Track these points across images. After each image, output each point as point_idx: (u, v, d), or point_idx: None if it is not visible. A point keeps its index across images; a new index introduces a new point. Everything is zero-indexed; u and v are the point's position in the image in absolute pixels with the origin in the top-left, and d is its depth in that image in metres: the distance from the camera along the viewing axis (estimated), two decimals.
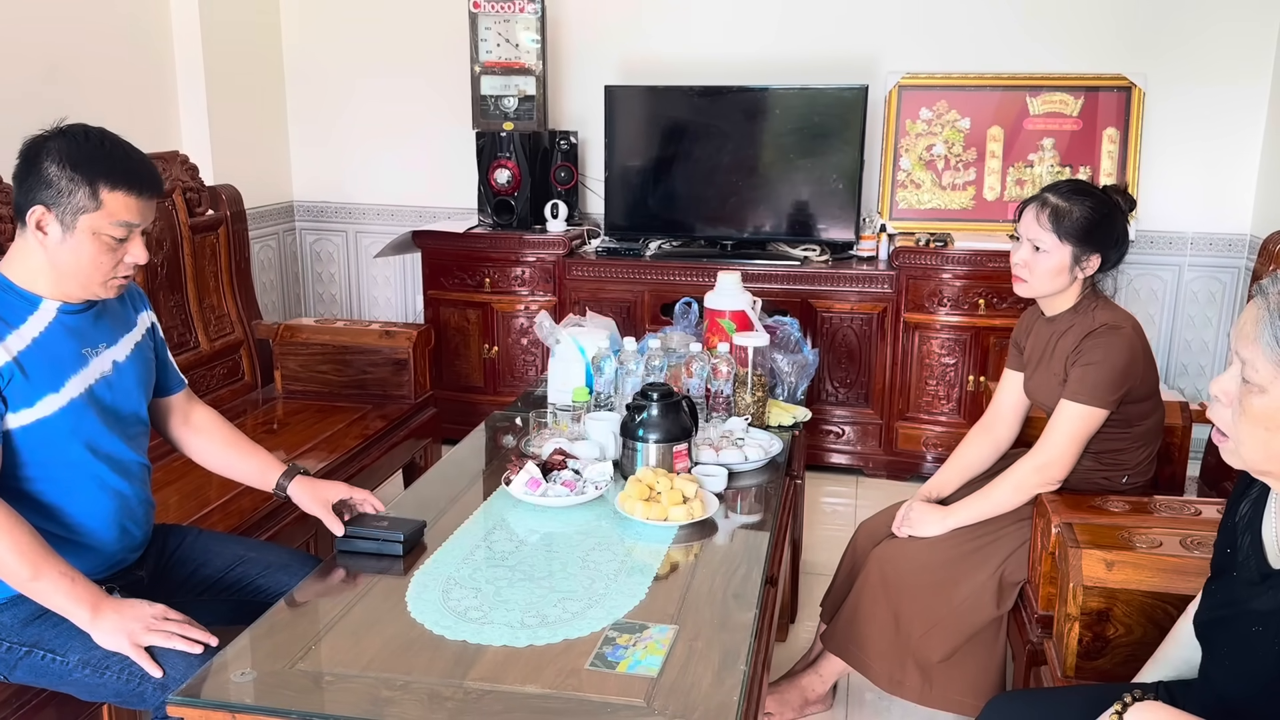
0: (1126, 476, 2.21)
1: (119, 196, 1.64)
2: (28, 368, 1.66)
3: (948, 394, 3.73)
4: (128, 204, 1.65)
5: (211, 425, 2.03)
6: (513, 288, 3.97)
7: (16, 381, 1.65)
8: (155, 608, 1.66)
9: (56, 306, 1.71)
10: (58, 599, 1.62)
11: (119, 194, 1.64)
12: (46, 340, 1.69)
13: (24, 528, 1.62)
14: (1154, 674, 1.54)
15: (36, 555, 1.61)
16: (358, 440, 2.89)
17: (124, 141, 1.71)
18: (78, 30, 3.41)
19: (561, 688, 1.39)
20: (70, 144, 1.64)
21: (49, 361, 1.69)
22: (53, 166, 1.62)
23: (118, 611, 1.63)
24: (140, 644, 1.60)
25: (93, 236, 1.64)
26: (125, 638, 1.60)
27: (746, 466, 2.17)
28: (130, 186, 1.65)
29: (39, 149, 1.64)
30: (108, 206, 1.63)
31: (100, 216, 1.64)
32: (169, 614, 1.65)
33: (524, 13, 3.84)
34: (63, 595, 1.62)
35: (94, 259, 1.66)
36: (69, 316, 1.73)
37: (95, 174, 1.62)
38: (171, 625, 1.63)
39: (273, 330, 3.29)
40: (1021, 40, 3.87)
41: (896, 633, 2.21)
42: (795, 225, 3.92)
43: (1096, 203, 2.14)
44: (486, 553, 1.79)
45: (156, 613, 1.64)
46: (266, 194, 4.35)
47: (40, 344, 1.68)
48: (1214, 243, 3.90)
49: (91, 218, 1.63)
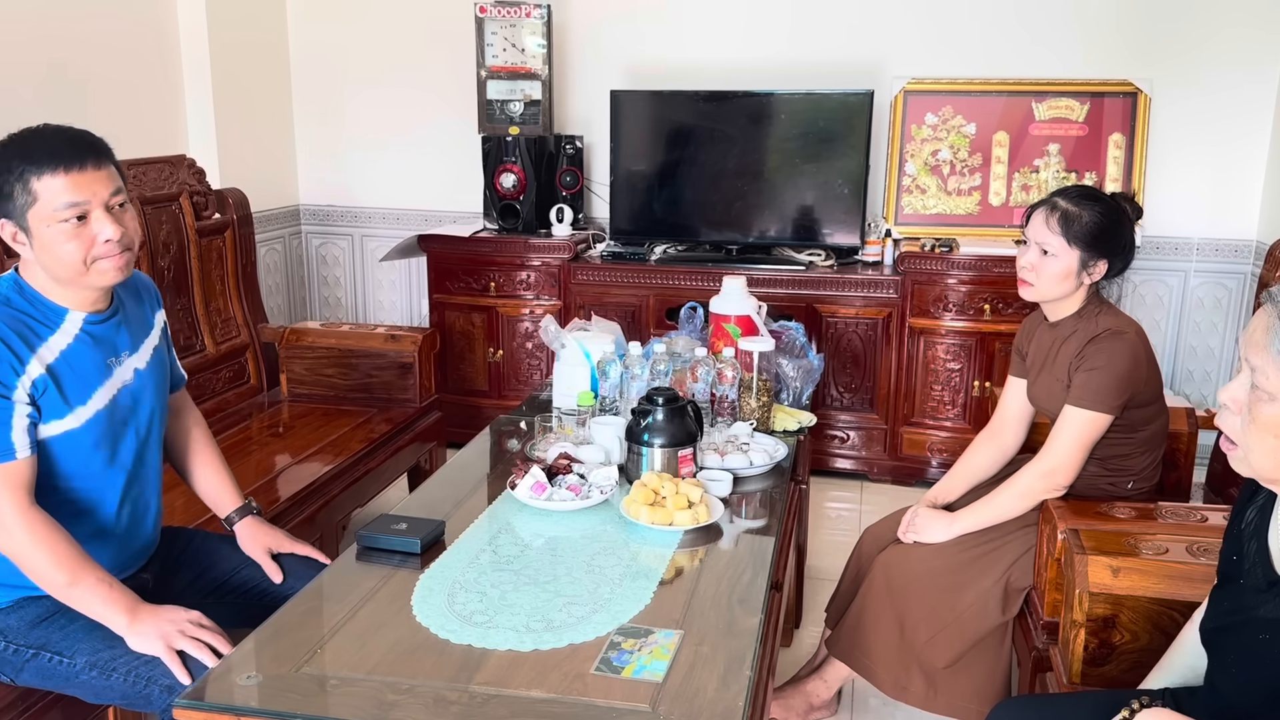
0: (1132, 482, 2.20)
1: (47, 180, 1.60)
2: (59, 379, 1.67)
3: (953, 399, 3.73)
4: (62, 184, 1.60)
5: (187, 432, 2.03)
6: (518, 292, 3.97)
7: (50, 393, 1.66)
8: (190, 613, 1.67)
9: (82, 318, 1.71)
10: (95, 605, 1.63)
11: (46, 178, 1.60)
12: (73, 353, 1.70)
13: (62, 535, 1.63)
14: (1160, 681, 1.54)
15: (74, 562, 1.62)
16: (363, 444, 2.89)
17: (51, 126, 1.67)
18: (85, 36, 3.42)
19: (567, 692, 1.39)
20: (3, 150, 1.62)
21: (77, 374, 1.70)
22: None
23: (154, 616, 1.64)
24: (175, 648, 1.61)
25: (49, 229, 1.62)
26: (161, 641, 1.61)
27: (751, 471, 2.17)
28: (55, 165, 1.60)
29: None
30: (42, 196, 1.60)
31: (41, 207, 1.61)
32: (203, 620, 1.66)
33: (530, 17, 3.84)
34: (100, 601, 1.63)
35: (64, 250, 1.63)
36: (94, 327, 1.73)
37: (21, 167, 1.60)
38: (204, 634, 1.63)
39: (278, 334, 3.29)
40: (1027, 46, 3.87)
41: (901, 638, 2.20)
42: (800, 230, 3.92)
43: (1106, 209, 2.14)
44: (492, 557, 1.79)
45: (192, 618, 1.66)
46: (272, 198, 4.36)
47: (68, 356, 1.69)
48: (1220, 249, 3.89)
49: (36, 211, 1.61)
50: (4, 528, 1.61)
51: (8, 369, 1.61)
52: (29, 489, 1.63)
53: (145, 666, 1.62)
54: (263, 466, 2.70)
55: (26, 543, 1.61)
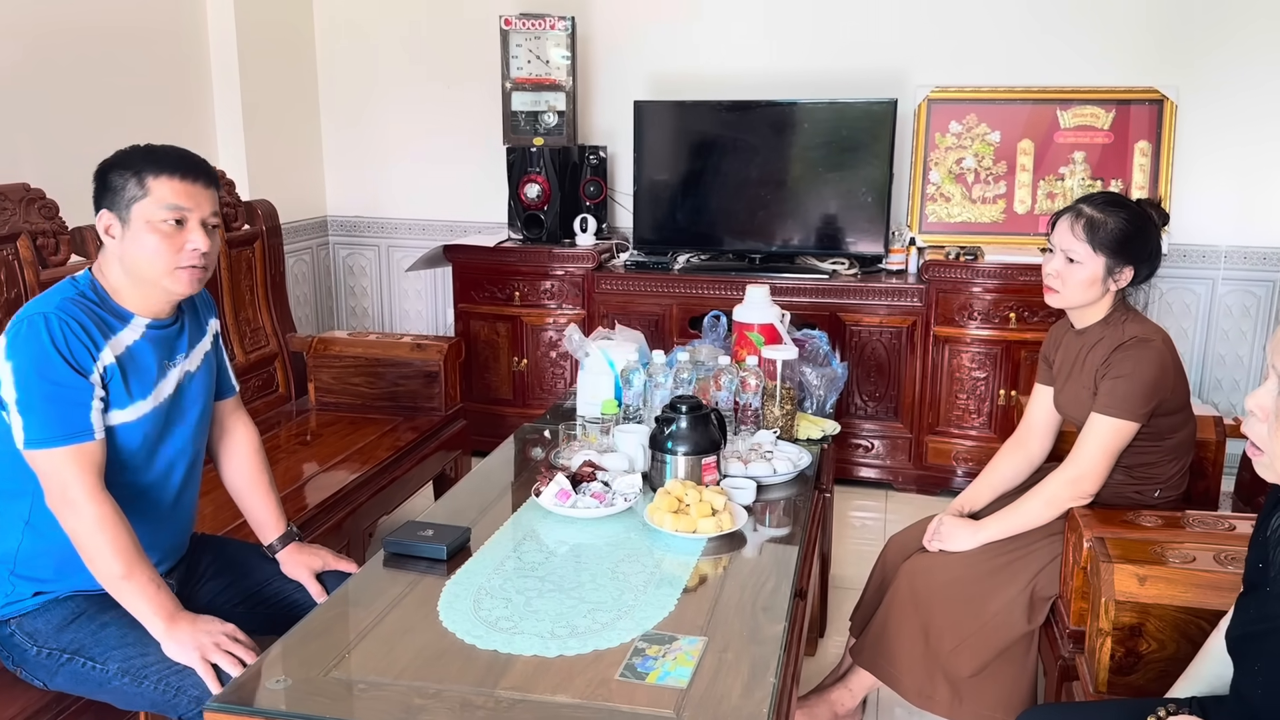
0: (1159, 490, 2.19)
1: (163, 181, 1.70)
2: (125, 371, 1.73)
3: (978, 408, 3.71)
4: (173, 187, 1.71)
5: (243, 452, 2.06)
6: (542, 301, 4.00)
7: (116, 382, 1.71)
8: (226, 626, 1.69)
9: (145, 323, 1.77)
10: (139, 603, 1.66)
11: (163, 179, 1.70)
12: (137, 350, 1.76)
13: (125, 526, 1.67)
14: (1187, 690, 1.53)
15: (131, 556, 1.66)
16: (389, 452, 2.92)
17: (179, 147, 1.79)
18: (116, 50, 3.48)
19: (592, 698, 1.40)
20: (123, 153, 1.74)
21: (137, 371, 1.75)
22: (113, 174, 1.71)
23: (192, 625, 1.67)
24: (209, 660, 1.63)
25: (148, 225, 1.70)
26: (196, 652, 1.64)
27: (775, 480, 2.17)
28: (173, 171, 1.71)
29: (104, 168, 1.74)
30: (154, 192, 1.70)
31: (150, 203, 1.70)
32: (238, 634, 1.69)
33: (555, 29, 3.87)
34: (145, 600, 1.66)
35: (155, 248, 1.70)
36: (155, 331, 1.79)
37: (141, 166, 1.71)
38: (238, 649, 1.66)
39: (307, 343, 3.33)
40: (1051, 54, 3.86)
41: (926, 647, 2.20)
42: (824, 239, 3.92)
43: (1131, 215, 2.13)
44: (517, 563, 1.80)
45: (228, 631, 1.68)
46: (301, 209, 4.42)
47: (132, 353, 1.75)
48: (1248, 256, 3.86)
49: (142, 205, 1.70)
50: (74, 507, 1.64)
51: (85, 353, 1.66)
52: (101, 472, 1.67)
53: (176, 676, 1.65)
54: (291, 474, 2.73)
55: (93, 525, 1.64)
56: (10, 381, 1.63)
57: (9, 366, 1.64)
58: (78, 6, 3.29)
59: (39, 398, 1.63)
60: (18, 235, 2.42)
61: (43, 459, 1.64)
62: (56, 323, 1.64)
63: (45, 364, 1.63)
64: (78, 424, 1.65)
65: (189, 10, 3.82)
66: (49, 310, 1.66)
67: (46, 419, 1.63)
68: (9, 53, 3.06)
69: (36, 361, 1.63)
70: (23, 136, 3.12)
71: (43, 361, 1.63)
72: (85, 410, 1.66)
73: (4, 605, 1.75)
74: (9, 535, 1.75)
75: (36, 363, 1.63)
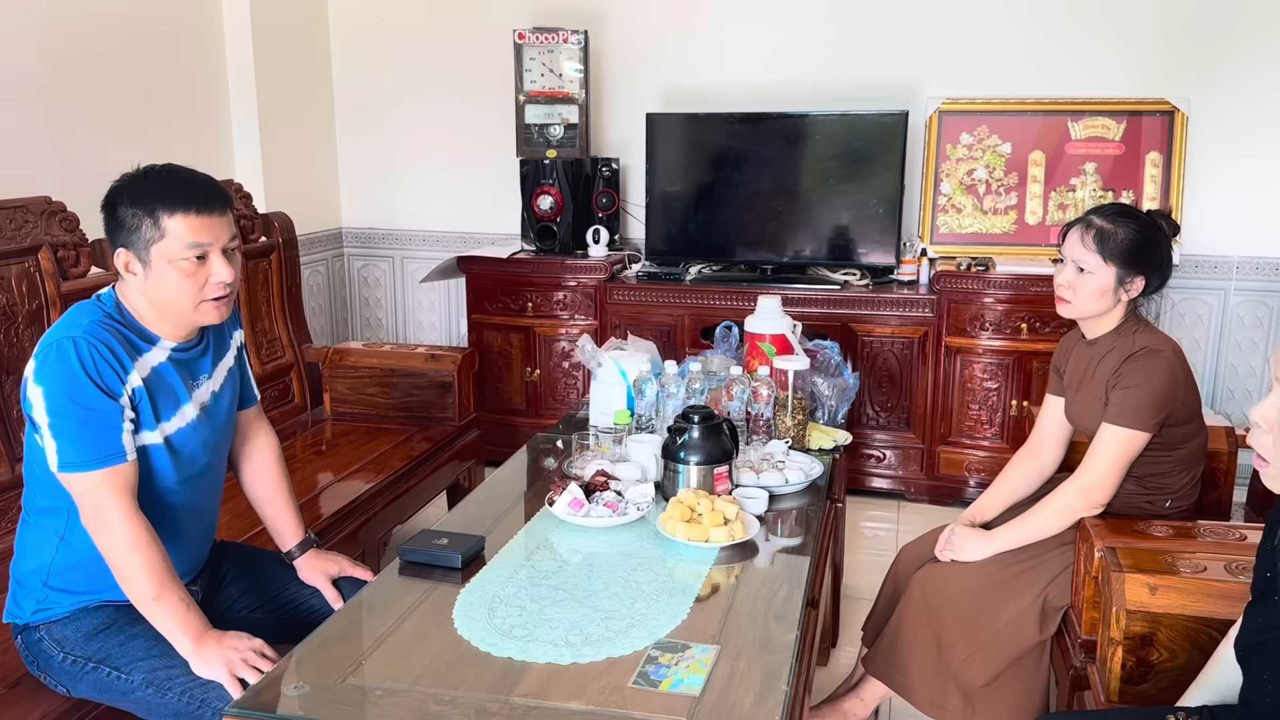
0: (1170, 500, 2.19)
1: (179, 220, 1.68)
2: (152, 393, 1.74)
3: (990, 419, 3.72)
4: (190, 225, 1.69)
5: (264, 460, 2.07)
6: (555, 312, 4.02)
7: (144, 405, 1.73)
8: (254, 641, 1.71)
9: (170, 345, 1.79)
10: (169, 623, 1.68)
11: (178, 217, 1.68)
12: (163, 371, 1.77)
13: (158, 547, 1.69)
14: (1198, 698, 1.53)
15: (163, 576, 1.68)
16: (404, 461, 2.94)
17: (182, 168, 1.76)
18: (134, 62, 3.53)
19: (605, 705, 1.42)
20: (132, 184, 1.71)
21: (164, 392, 1.77)
22: (122, 208, 1.70)
23: (219, 643, 1.68)
24: (237, 675, 1.65)
25: (169, 265, 1.70)
26: (225, 668, 1.66)
27: (787, 489, 2.18)
28: (187, 207, 1.69)
29: (112, 197, 1.72)
30: (172, 233, 1.69)
31: (168, 244, 1.69)
32: (264, 650, 1.70)
33: (568, 43, 3.91)
34: (175, 620, 1.68)
35: (179, 286, 1.71)
36: (180, 353, 1.81)
37: (154, 204, 1.68)
38: (264, 664, 1.67)
39: (322, 353, 3.36)
40: (1062, 65, 3.88)
41: (939, 657, 2.20)
42: (835, 249, 3.93)
43: (1141, 226, 2.15)
44: (530, 572, 1.82)
45: (255, 646, 1.70)
46: (316, 221, 4.46)
47: (159, 373, 1.77)
48: (1260, 267, 3.86)
49: (161, 247, 1.69)
50: (109, 528, 1.66)
51: (114, 377, 1.68)
52: (134, 492, 1.69)
53: (200, 688, 1.67)
54: (306, 483, 2.76)
55: (127, 546, 1.66)
56: (42, 406, 1.65)
57: (40, 391, 1.65)
58: (97, 24, 3.34)
59: (71, 422, 1.64)
60: (39, 247, 2.46)
61: (77, 482, 1.66)
62: (86, 347, 1.66)
63: (76, 388, 1.64)
64: (110, 447, 1.66)
65: (206, 25, 3.87)
66: (77, 334, 1.66)
67: (80, 443, 1.65)
68: (31, 68, 3.11)
69: (67, 386, 1.64)
70: (45, 150, 3.17)
71: (73, 386, 1.64)
72: (116, 433, 1.67)
73: (35, 612, 1.78)
74: (43, 549, 1.77)
75: (67, 387, 1.64)
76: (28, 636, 1.79)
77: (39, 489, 1.75)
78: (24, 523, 1.81)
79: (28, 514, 1.80)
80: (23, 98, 3.10)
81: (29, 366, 1.68)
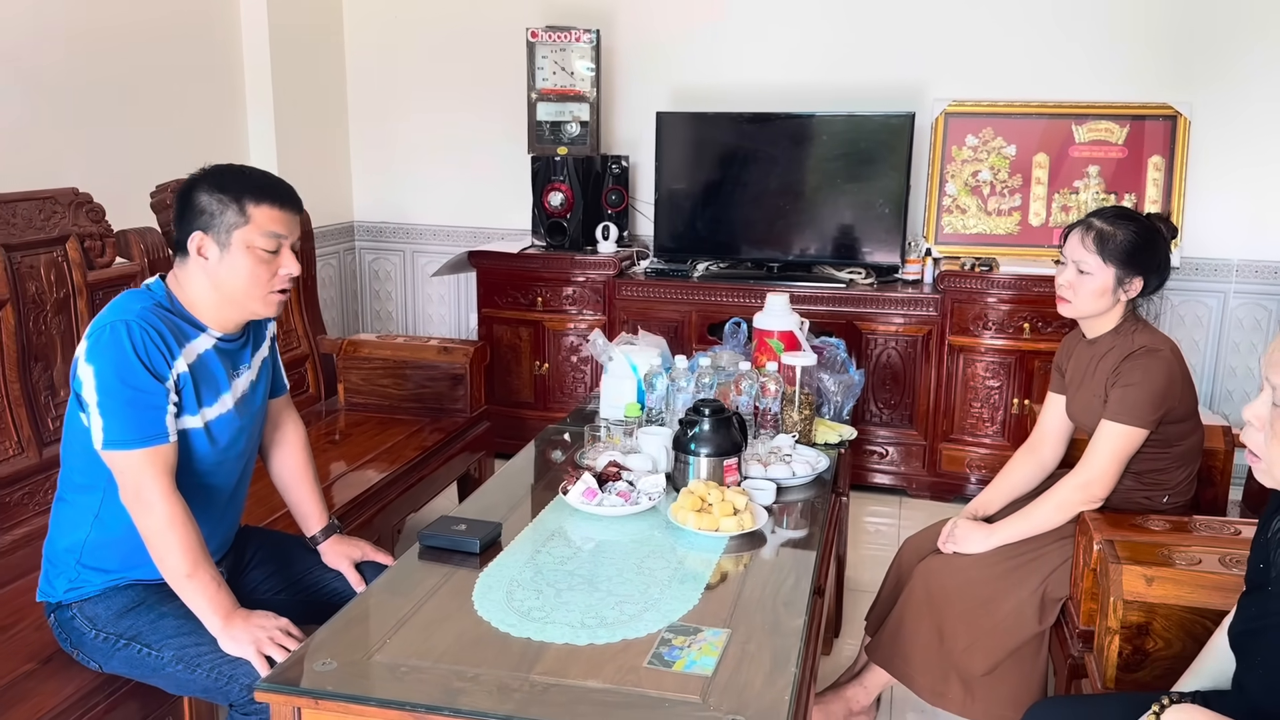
0: (1167, 496, 2.25)
1: (264, 209, 1.78)
2: (196, 379, 1.80)
3: (991, 416, 3.77)
4: (273, 216, 1.79)
5: (292, 447, 2.14)
6: (564, 307, 4.08)
7: (188, 390, 1.79)
8: (280, 620, 1.77)
9: (216, 335, 1.85)
10: (199, 601, 1.74)
11: (264, 207, 1.78)
12: (208, 359, 1.84)
13: (194, 526, 1.75)
14: (1191, 684, 1.59)
15: (197, 555, 1.74)
16: (416, 452, 3.00)
17: (251, 167, 1.87)
18: (151, 57, 3.58)
19: (622, 683, 1.47)
20: (215, 175, 1.81)
21: (207, 379, 1.84)
22: (203, 196, 1.78)
23: (246, 622, 1.74)
24: (264, 654, 1.71)
25: (247, 250, 1.78)
26: (253, 646, 1.72)
27: (794, 482, 2.24)
28: (273, 200, 1.80)
29: (190, 186, 1.80)
30: (256, 220, 1.78)
31: (251, 230, 1.78)
32: (290, 629, 1.76)
33: (580, 42, 3.96)
34: (206, 598, 1.74)
35: (252, 272, 1.79)
36: (224, 344, 1.87)
37: (241, 192, 1.78)
38: (291, 642, 1.73)
39: (336, 345, 3.42)
40: (1067, 69, 3.93)
41: (940, 646, 2.26)
42: (841, 249, 3.99)
43: (1140, 228, 2.21)
44: (546, 558, 1.87)
45: (281, 625, 1.76)
46: (329, 215, 4.52)
47: (203, 360, 1.83)
48: (1259, 270, 3.91)
49: (243, 232, 1.77)
50: (148, 506, 1.72)
51: (162, 360, 1.74)
52: (173, 473, 1.76)
53: (228, 665, 1.72)
54: (322, 471, 2.77)
55: (164, 524, 1.72)
56: (92, 385, 1.71)
57: (90, 370, 1.71)
58: (120, 21, 3.40)
59: (119, 401, 1.70)
60: (67, 238, 2.51)
61: (120, 459, 1.72)
62: (138, 330, 1.72)
63: (126, 369, 1.70)
64: (154, 427, 1.73)
65: (223, 23, 3.92)
66: (130, 318, 1.73)
67: (126, 422, 1.71)
68: (58, 65, 3.17)
69: (118, 366, 1.70)
70: (71, 143, 3.22)
71: (124, 367, 1.70)
72: (161, 414, 1.73)
73: (67, 590, 1.83)
74: (79, 527, 1.83)
75: (118, 368, 1.70)
76: (61, 614, 1.84)
77: (77, 466, 1.81)
78: (59, 500, 1.87)
79: (64, 492, 1.86)
80: (51, 93, 3.16)
81: (81, 347, 1.74)
